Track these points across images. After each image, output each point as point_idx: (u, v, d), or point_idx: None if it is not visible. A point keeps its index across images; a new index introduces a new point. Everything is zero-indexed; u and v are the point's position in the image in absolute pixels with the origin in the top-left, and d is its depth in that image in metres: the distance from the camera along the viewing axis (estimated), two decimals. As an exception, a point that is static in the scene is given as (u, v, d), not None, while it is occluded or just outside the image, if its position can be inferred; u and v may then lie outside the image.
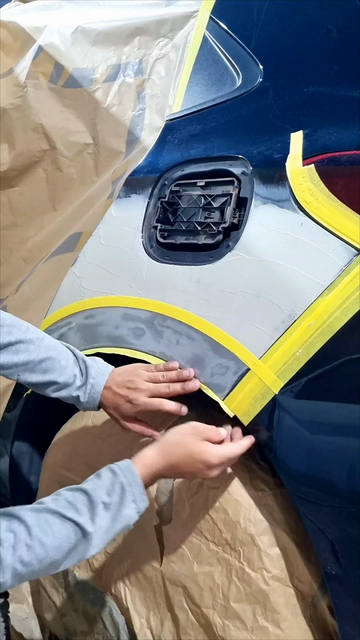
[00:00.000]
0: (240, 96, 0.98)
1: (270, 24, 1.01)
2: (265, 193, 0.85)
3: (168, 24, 1.11)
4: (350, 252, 0.74)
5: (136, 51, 1.10)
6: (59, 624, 1.16)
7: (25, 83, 1.08)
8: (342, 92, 0.87)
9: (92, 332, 1.05)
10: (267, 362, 0.80)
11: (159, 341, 0.94)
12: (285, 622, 0.82)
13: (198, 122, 1.02)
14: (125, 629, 1.02)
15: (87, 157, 1.10)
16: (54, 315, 1.13)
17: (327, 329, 0.75)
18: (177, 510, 0.92)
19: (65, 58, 1.07)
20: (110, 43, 1.10)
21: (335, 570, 0.77)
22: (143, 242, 1.00)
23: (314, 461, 0.77)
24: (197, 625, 0.91)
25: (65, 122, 1.09)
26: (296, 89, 0.91)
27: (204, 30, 1.08)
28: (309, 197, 0.79)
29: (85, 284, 1.07)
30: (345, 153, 0.79)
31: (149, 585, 0.98)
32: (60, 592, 1.17)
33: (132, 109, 1.08)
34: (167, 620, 0.95)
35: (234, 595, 0.86)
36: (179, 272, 0.93)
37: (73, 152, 1.10)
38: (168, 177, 1.00)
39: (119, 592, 1.03)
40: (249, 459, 0.90)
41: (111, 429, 1.03)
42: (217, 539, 0.88)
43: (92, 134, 1.09)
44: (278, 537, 0.84)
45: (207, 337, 0.88)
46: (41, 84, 1.08)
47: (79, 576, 1.11)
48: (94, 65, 1.08)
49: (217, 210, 0.91)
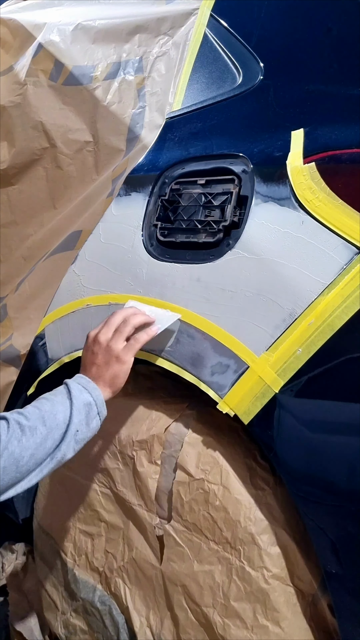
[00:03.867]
0: (240, 94, 0.98)
1: (270, 21, 1.00)
2: (265, 191, 0.85)
3: (168, 22, 1.11)
4: (351, 250, 0.74)
5: (136, 49, 1.10)
6: (58, 623, 1.16)
7: (25, 81, 1.08)
8: (342, 90, 0.86)
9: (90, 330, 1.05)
10: (268, 360, 0.80)
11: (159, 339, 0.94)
12: (285, 621, 0.82)
13: (198, 120, 1.02)
14: (125, 628, 1.02)
15: (87, 155, 1.09)
16: (53, 314, 1.12)
17: (327, 327, 0.75)
18: (177, 509, 0.92)
19: (65, 56, 1.07)
20: (111, 41, 1.09)
21: (336, 569, 0.77)
22: (143, 241, 0.99)
23: (314, 460, 0.77)
24: (197, 624, 0.90)
25: (65, 120, 1.09)
26: (297, 86, 0.91)
27: (204, 28, 1.08)
28: (310, 195, 0.79)
29: (85, 282, 1.07)
30: (346, 151, 0.78)
31: (148, 584, 0.98)
32: (60, 591, 1.17)
33: (132, 106, 1.08)
34: (167, 619, 0.95)
35: (234, 594, 0.85)
36: (179, 270, 0.93)
37: (73, 150, 1.10)
38: (168, 175, 1.00)
39: (118, 591, 1.03)
40: (249, 457, 0.90)
41: (111, 428, 1.03)
42: (217, 537, 0.88)
43: (92, 132, 1.08)
44: (278, 535, 0.84)
45: (207, 336, 0.88)
46: (41, 81, 1.08)
47: (79, 575, 1.11)
48: (94, 63, 1.08)
49: (218, 208, 0.91)
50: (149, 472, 0.97)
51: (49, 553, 1.20)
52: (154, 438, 0.96)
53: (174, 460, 0.94)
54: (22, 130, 1.10)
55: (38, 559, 1.25)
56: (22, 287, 1.15)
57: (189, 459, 0.91)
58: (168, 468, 0.95)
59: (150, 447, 0.97)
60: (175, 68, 1.10)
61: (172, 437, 0.95)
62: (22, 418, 0.78)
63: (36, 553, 1.26)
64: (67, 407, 0.82)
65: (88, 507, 1.09)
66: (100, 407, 0.86)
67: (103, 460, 1.05)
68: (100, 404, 0.85)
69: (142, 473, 0.97)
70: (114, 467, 1.03)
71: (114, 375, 0.88)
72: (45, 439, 0.78)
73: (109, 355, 0.88)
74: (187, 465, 0.91)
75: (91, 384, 0.87)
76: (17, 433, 0.76)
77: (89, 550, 1.10)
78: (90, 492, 1.08)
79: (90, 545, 1.09)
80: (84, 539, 1.11)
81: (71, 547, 1.13)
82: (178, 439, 0.94)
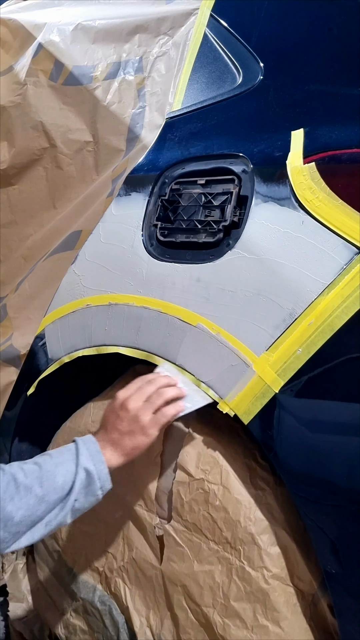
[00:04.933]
0: (240, 94, 0.98)
1: (270, 21, 1.00)
2: (265, 191, 0.85)
3: (168, 22, 1.11)
4: (351, 250, 0.74)
5: (136, 49, 1.10)
6: (58, 623, 1.16)
7: (25, 81, 1.08)
8: (343, 90, 0.86)
9: (90, 330, 1.05)
10: (268, 360, 0.80)
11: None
12: (285, 621, 0.82)
13: (198, 120, 1.02)
14: (125, 628, 1.02)
15: (87, 155, 1.09)
16: (53, 314, 1.12)
17: (327, 327, 0.75)
18: (177, 509, 0.92)
19: (65, 56, 1.07)
20: (111, 40, 1.09)
21: (336, 569, 0.77)
22: (143, 241, 0.99)
23: (314, 460, 0.77)
24: (197, 624, 0.90)
25: (65, 120, 1.09)
26: (297, 86, 0.91)
27: (204, 28, 1.08)
28: (310, 195, 0.79)
29: (85, 282, 1.07)
30: (346, 151, 0.78)
31: (148, 584, 0.98)
32: (60, 591, 1.17)
33: (132, 106, 1.08)
34: (167, 619, 0.95)
35: (234, 594, 0.85)
36: (179, 270, 0.93)
37: (73, 150, 1.10)
38: (168, 175, 1.00)
39: (118, 591, 1.03)
40: (249, 457, 0.90)
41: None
42: (217, 537, 0.88)
43: (92, 132, 1.08)
44: (278, 535, 0.84)
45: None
46: (41, 81, 1.08)
47: (79, 575, 1.11)
48: (94, 63, 1.08)
49: (218, 208, 0.91)
50: (149, 472, 0.97)
51: (49, 553, 1.20)
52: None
53: (174, 460, 0.94)
54: (22, 130, 1.10)
55: (38, 559, 1.25)
56: (22, 287, 1.15)
57: (189, 459, 0.91)
58: (168, 468, 0.95)
59: (150, 446, 0.97)
60: (175, 68, 1.10)
61: (172, 437, 0.95)
62: (20, 474, 0.75)
63: (36, 553, 1.26)
64: (71, 472, 0.78)
65: (88, 507, 1.09)
66: (104, 481, 0.81)
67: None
68: (104, 479, 0.81)
69: (142, 473, 0.97)
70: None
71: (135, 447, 0.84)
72: (40, 502, 0.74)
73: (135, 426, 0.83)
74: (187, 465, 0.91)
75: (100, 455, 0.81)
76: (12, 489, 0.72)
77: (88, 550, 1.10)
78: (90, 492, 1.08)
79: (90, 545, 1.09)
80: (84, 539, 1.11)
81: (71, 547, 1.13)
82: (178, 439, 0.94)
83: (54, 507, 0.75)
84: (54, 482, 0.75)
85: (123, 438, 0.84)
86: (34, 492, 0.73)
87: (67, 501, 0.76)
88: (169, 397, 0.85)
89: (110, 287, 1.03)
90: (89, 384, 1.17)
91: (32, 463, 0.78)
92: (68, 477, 0.77)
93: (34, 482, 0.74)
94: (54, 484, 0.75)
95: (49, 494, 0.74)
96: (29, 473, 0.75)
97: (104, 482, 0.80)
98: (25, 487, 0.73)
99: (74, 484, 0.77)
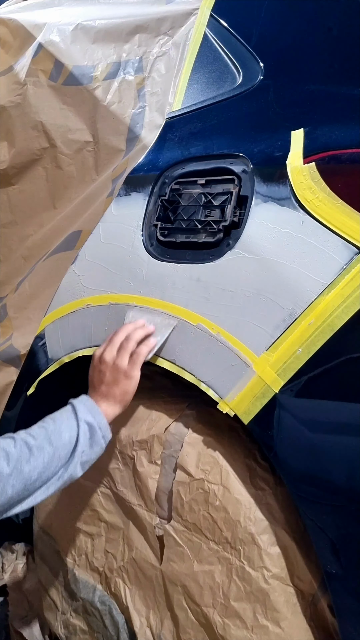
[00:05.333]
0: (240, 94, 0.98)
1: (270, 21, 1.00)
2: (265, 191, 0.85)
3: (168, 22, 1.11)
4: (350, 250, 0.74)
5: (136, 49, 1.10)
6: (58, 623, 1.16)
7: (25, 81, 1.08)
8: (343, 90, 0.86)
9: (90, 330, 1.05)
10: (268, 360, 0.80)
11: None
12: (285, 621, 0.82)
13: (198, 120, 1.02)
14: (125, 628, 1.02)
15: (87, 155, 1.09)
16: (53, 314, 1.12)
17: (327, 327, 0.75)
18: (177, 509, 0.92)
19: (65, 55, 1.07)
20: (111, 40, 1.09)
21: (336, 569, 0.77)
22: (143, 241, 0.99)
23: (314, 460, 0.77)
24: (197, 624, 0.90)
25: (65, 120, 1.09)
26: (297, 86, 0.91)
27: (204, 28, 1.08)
28: (310, 195, 0.79)
29: (85, 282, 1.07)
30: (346, 151, 0.78)
31: (148, 584, 0.98)
32: (60, 591, 1.17)
33: (132, 106, 1.08)
34: (167, 619, 0.95)
35: (234, 594, 0.85)
36: (179, 270, 0.93)
37: (73, 150, 1.10)
38: (168, 175, 1.00)
39: (118, 591, 1.03)
40: (249, 457, 0.90)
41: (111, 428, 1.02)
42: (217, 537, 0.88)
43: (92, 132, 1.08)
44: (278, 536, 0.84)
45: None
46: (41, 81, 1.08)
47: (79, 575, 1.11)
48: (94, 63, 1.08)
49: (218, 208, 0.91)
50: (149, 472, 0.97)
51: (49, 553, 1.20)
52: (154, 438, 0.96)
53: (174, 460, 0.94)
54: (22, 130, 1.10)
55: (38, 559, 1.25)
56: (22, 287, 1.15)
57: (189, 459, 0.91)
58: (168, 468, 0.95)
59: (150, 447, 0.97)
60: (175, 68, 1.10)
61: (172, 437, 0.95)
62: (30, 438, 0.81)
63: (36, 553, 1.26)
64: (74, 427, 0.85)
65: (88, 507, 1.09)
66: (105, 431, 0.88)
67: (103, 461, 1.05)
68: (104, 429, 0.88)
69: (142, 473, 0.97)
70: (114, 467, 1.03)
71: (124, 392, 0.91)
72: (52, 458, 0.80)
73: (117, 373, 0.91)
74: (187, 465, 0.91)
75: (96, 407, 0.89)
76: (26, 453, 0.78)
77: (89, 550, 1.10)
78: (91, 492, 1.08)
79: (90, 545, 1.09)
80: (84, 539, 1.11)
81: (71, 547, 1.13)
82: (178, 439, 0.94)
83: (65, 462, 0.82)
84: (61, 438, 0.82)
85: (111, 388, 0.91)
86: (46, 451, 0.80)
87: (74, 453, 0.83)
88: (139, 337, 0.92)
89: (110, 287, 1.03)
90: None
91: (37, 427, 0.85)
92: (72, 432, 0.84)
93: (43, 442, 0.81)
94: (61, 440, 0.82)
95: (58, 450, 0.82)
96: (37, 436, 0.82)
97: (104, 432, 0.88)
98: (38, 448, 0.80)
99: (78, 437, 0.84)
